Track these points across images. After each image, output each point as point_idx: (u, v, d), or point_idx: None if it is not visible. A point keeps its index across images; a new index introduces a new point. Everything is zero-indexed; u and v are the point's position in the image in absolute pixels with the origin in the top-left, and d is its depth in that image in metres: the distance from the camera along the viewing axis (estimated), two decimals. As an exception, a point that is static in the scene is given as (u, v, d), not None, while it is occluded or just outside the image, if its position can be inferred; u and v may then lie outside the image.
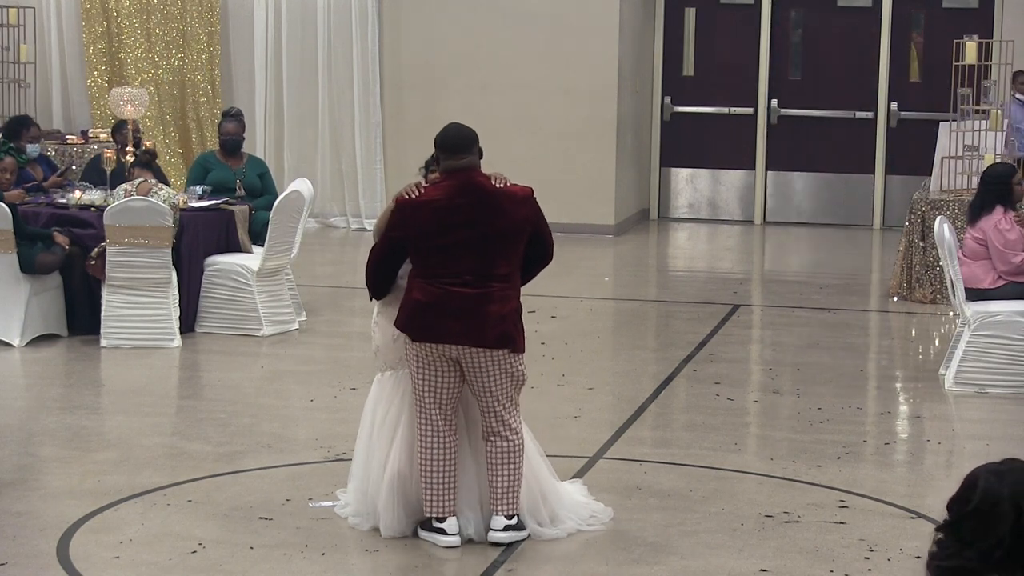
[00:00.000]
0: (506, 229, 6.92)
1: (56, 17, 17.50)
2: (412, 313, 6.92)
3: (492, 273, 6.90)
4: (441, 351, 6.89)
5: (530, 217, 6.99)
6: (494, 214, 6.89)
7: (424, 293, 6.89)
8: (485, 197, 6.92)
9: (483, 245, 6.88)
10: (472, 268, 6.88)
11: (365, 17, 17.01)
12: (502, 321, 6.90)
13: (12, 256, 11.00)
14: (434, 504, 7.01)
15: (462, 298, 6.86)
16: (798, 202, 18.18)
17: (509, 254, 6.95)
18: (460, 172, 6.95)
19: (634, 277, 15.03)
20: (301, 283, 12.68)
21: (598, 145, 16.75)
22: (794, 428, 9.22)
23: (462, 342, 6.86)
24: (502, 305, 6.91)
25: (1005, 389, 10.09)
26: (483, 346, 6.87)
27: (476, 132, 7.12)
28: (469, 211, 6.87)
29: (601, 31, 16.70)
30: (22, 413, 9.39)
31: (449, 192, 6.91)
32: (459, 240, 6.86)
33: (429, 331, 6.88)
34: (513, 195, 6.97)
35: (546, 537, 7.13)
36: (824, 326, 12.36)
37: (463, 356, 6.90)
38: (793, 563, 6.88)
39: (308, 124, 17.29)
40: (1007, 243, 10.48)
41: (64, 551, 6.87)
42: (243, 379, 10.30)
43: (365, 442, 7.32)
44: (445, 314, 6.86)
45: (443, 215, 6.87)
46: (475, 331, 6.86)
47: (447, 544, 7.00)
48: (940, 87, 16.40)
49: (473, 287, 6.88)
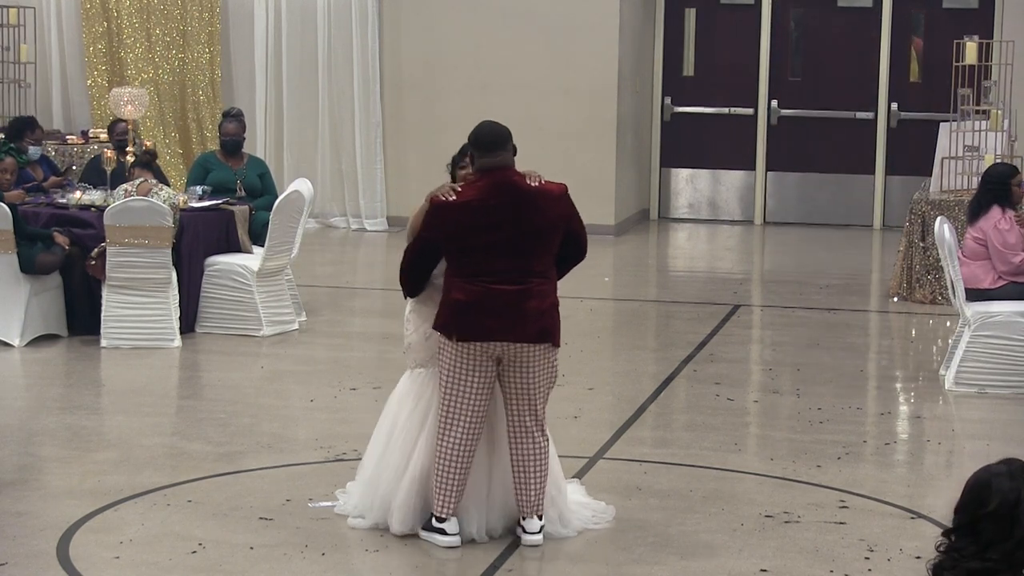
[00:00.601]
0: (542, 227, 6.94)
1: (56, 17, 17.50)
2: (455, 313, 6.90)
3: (530, 269, 6.94)
4: (484, 349, 6.90)
5: (565, 214, 7.02)
6: (530, 212, 6.91)
7: (465, 292, 6.89)
8: (521, 196, 6.93)
9: (520, 243, 6.90)
10: (510, 266, 6.90)
11: (365, 17, 17.01)
12: (542, 316, 6.95)
13: (12, 256, 11.00)
14: (444, 503, 7.01)
15: (503, 295, 6.88)
16: (798, 202, 18.18)
17: (545, 251, 6.98)
18: (495, 171, 6.94)
19: (634, 277, 15.03)
20: (301, 283, 12.68)
21: (598, 145, 16.76)
22: (794, 428, 9.23)
23: (505, 338, 6.89)
24: (541, 300, 6.96)
25: (1005, 389, 10.09)
26: (525, 341, 6.92)
27: (510, 129, 7.06)
28: (505, 211, 6.88)
29: (601, 31, 16.70)
30: (22, 413, 9.39)
31: (484, 192, 6.91)
32: (496, 240, 6.87)
33: (473, 330, 6.89)
34: (548, 193, 6.99)
35: (557, 536, 7.14)
36: (824, 326, 12.36)
37: (505, 353, 6.92)
38: (793, 563, 6.88)
39: (308, 124, 17.29)
40: (1007, 243, 10.48)
41: (64, 551, 6.87)
42: (243, 379, 10.30)
43: (384, 437, 7.29)
44: (487, 312, 6.87)
45: (479, 216, 6.87)
46: (517, 327, 6.90)
47: (447, 544, 6.99)
48: (940, 87, 16.40)
49: (512, 284, 6.90)
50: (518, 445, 7.03)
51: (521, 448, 7.03)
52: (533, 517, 7.02)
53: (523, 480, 7.03)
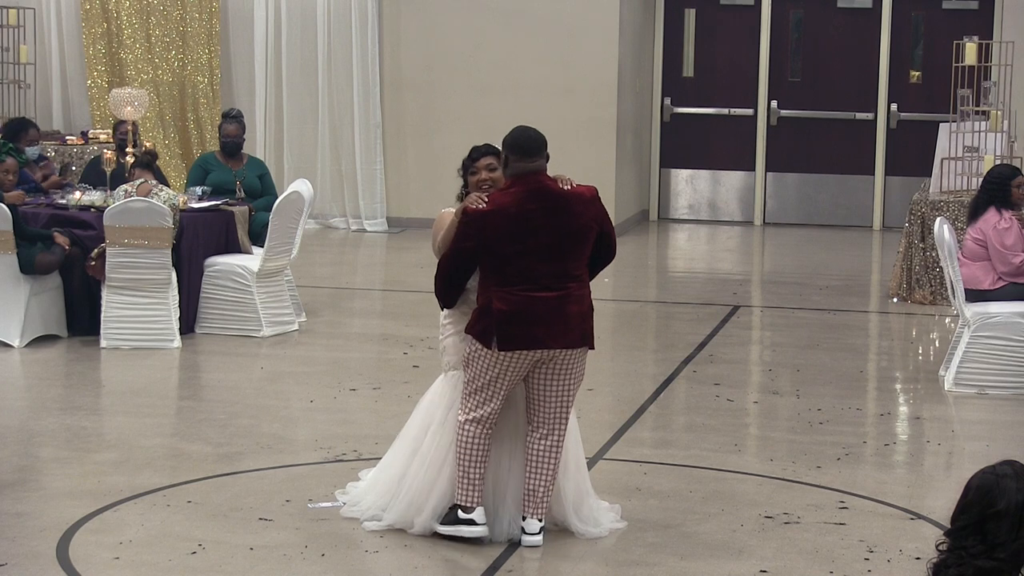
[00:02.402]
0: (577, 231, 6.96)
1: (56, 18, 17.50)
2: (499, 323, 6.88)
3: (568, 274, 6.96)
4: (527, 356, 6.91)
5: (598, 217, 7.05)
6: (565, 217, 6.92)
7: (505, 302, 6.88)
8: (555, 201, 6.93)
9: (558, 248, 6.91)
10: (549, 272, 6.91)
11: (365, 18, 17.02)
12: (583, 320, 6.99)
13: (12, 256, 11.00)
14: (468, 493, 7.00)
15: (544, 302, 6.89)
16: (798, 203, 18.19)
17: (581, 254, 7.01)
18: (529, 176, 6.93)
19: (634, 278, 15.03)
20: (301, 284, 12.68)
21: (598, 145, 16.76)
22: (794, 429, 9.23)
23: (550, 345, 6.91)
24: (580, 304, 6.98)
25: (1005, 390, 10.09)
26: (570, 347, 6.94)
27: (544, 135, 7.07)
28: (541, 216, 6.88)
29: (601, 31, 16.70)
30: (22, 414, 9.39)
31: (519, 198, 6.90)
32: (533, 246, 6.87)
33: (518, 340, 6.88)
34: (581, 196, 7.00)
35: (590, 536, 7.16)
36: (824, 327, 12.36)
37: (545, 357, 6.93)
38: (793, 564, 6.88)
39: (308, 125, 17.29)
40: (1006, 244, 10.49)
41: (64, 552, 6.87)
42: (243, 380, 10.30)
43: (413, 439, 7.28)
44: (531, 321, 6.88)
45: (515, 222, 6.86)
46: (562, 333, 6.92)
47: (475, 535, 6.99)
48: (940, 88, 16.40)
49: (552, 290, 6.91)
50: (540, 443, 7.02)
51: (540, 447, 7.02)
52: (534, 518, 7.02)
53: (535, 479, 7.02)
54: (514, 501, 7.11)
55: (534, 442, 7.03)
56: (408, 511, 7.15)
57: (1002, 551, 3.97)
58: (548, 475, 7.02)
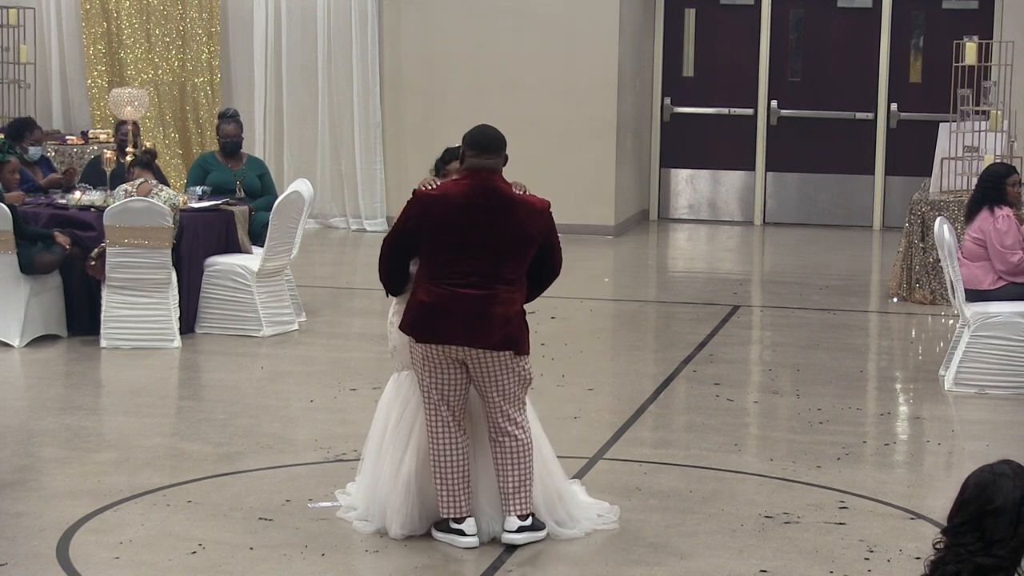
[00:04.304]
0: (519, 237, 6.93)
1: (56, 18, 17.50)
2: (417, 314, 6.93)
3: (499, 276, 6.92)
4: (447, 352, 6.90)
5: (543, 229, 7.01)
6: (509, 220, 6.90)
7: (429, 294, 6.90)
8: (503, 201, 6.93)
9: (494, 248, 6.89)
10: (480, 270, 6.89)
11: (365, 18, 17.01)
12: (507, 323, 6.91)
13: (12, 256, 11.00)
14: (449, 505, 7.01)
15: (467, 299, 6.87)
16: (798, 203, 18.18)
17: (517, 261, 6.96)
18: (482, 172, 6.94)
19: (634, 278, 15.03)
20: (301, 284, 12.69)
21: (598, 145, 16.76)
22: (794, 429, 9.23)
23: (467, 343, 6.87)
24: (507, 307, 6.91)
25: (1005, 390, 10.09)
26: (488, 348, 6.88)
27: (505, 137, 7.08)
28: (485, 213, 6.88)
29: (601, 31, 16.70)
30: (22, 413, 9.39)
31: (468, 191, 6.91)
32: (471, 240, 6.86)
33: (434, 332, 6.88)
34: (530, 205, 6.99)
35: (565, 537, 7.14)
36: (824, 327, 12.36)
37: (468, 357, 6.91)
38: (793, 564, 6.88)
39: (308, 125, 17.29)
40: (1004, 243, 10.48)
41: (64, 552, 6.88)
42: (243, 380, 10.30)
43: (377, 442, 7.31)
44: (450, 315, 6.87)
45: (460, 213, 6.87)
46: (480, 333, 6.87)
47: (466, 545, 6.99)
48: (940, 88, 16.40)
49: (479, 288, 6.88)
50: (494, 444, 7.05)
51: (497, 447, 7.03)
52: (512, 515, 7.02)
53: (501, 478, 7.03)
54: (488, 501, 7.12)
55: (493, 446, 7.05)
56: (381, 518, 7.17)
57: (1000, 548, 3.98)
58: (515, 474, 6.99)
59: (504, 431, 7.01)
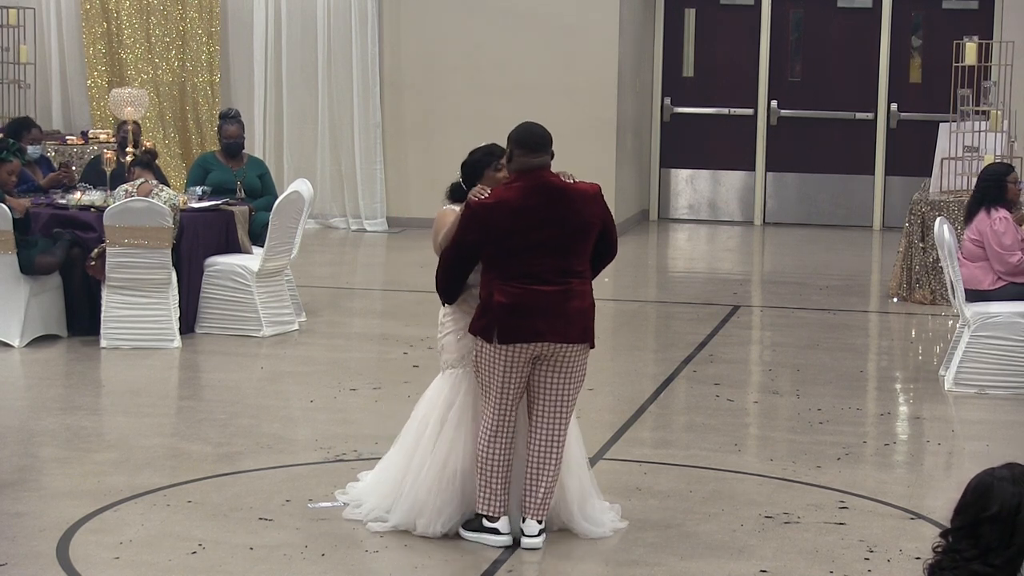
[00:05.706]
0: (580, 226, 6.96)
1: (56, 18, 17.50)
2: (498, 315, 6.88)
3: (570, 270, 6.96)
4: (527, 350, 6.90)
5: (600, 213, 7.06)
6: (568, 212, 6.93)
7: (506, 295, 6.88)
8: (559, 196, 6.94)
9: (560, 243, 6.91)
10: (551, 266, 6.91)
11: (365, 18, 17.01)
12: (584, 316, 6.97)
13: (12, 256, 11.00)
14: (490, 502, 7.00)
15: (545, 296, 6.89)
16: (798, 203, 18.18)
17: (583, 250, 7.01)
18: (533, 172, 6.94)
19: (634, 278, 15.03)
20: (301, 284, 12.68)
21: (598, 145, 16.75)
22: (794, 429, 9.23)
23: (550, 339, 6.89)
24: (582, 300, 6.98)
25: (1005, 390, 10.09)
26: (569, 341, 6.92)
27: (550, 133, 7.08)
28: (544, 210, 6.89)
29: (601, 31, 16.70)
30: (22, 413, 9.39)
31: (523, 192, 6.91)
32: (536, 240, 6.87)
33: (518, 332, 6.88)
34: (584, 192, 7.02)
35: (594, 536, 7.16)
36: (824, 327, 12.36)
37: (546, 353, 6.92)
38: (793, 564, 6.88)
39: (308, 125, 17.28)
40: (1003, 244, 10.48)
41: (64, 552, 6.87)
42: (243, 380, 10.30)
43: (414, 438, 7.26)
44: (531, 314, 6.87)
45: (519, 216, 6.86)
46: (562, 328, 6.91)
47: (500, 544, 6.99)
48: (940, 88, 16.40)
49: (554, 285, 6.91)
50: (540, 444, 7.01)
51: (541, 447, 7.00)
52: (534, 519, 7.02)
53: (535, 480, 7.01)
54: (516, 501, 7.11)
55: (534, 443, 7.02)
56: (410, 513, 7.14)
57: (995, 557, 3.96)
58: (548, 477, 7.01)
59: (554, 433, 6.98)
